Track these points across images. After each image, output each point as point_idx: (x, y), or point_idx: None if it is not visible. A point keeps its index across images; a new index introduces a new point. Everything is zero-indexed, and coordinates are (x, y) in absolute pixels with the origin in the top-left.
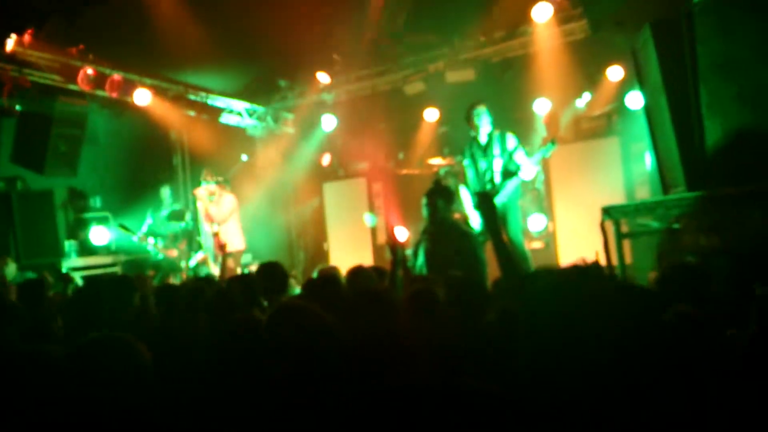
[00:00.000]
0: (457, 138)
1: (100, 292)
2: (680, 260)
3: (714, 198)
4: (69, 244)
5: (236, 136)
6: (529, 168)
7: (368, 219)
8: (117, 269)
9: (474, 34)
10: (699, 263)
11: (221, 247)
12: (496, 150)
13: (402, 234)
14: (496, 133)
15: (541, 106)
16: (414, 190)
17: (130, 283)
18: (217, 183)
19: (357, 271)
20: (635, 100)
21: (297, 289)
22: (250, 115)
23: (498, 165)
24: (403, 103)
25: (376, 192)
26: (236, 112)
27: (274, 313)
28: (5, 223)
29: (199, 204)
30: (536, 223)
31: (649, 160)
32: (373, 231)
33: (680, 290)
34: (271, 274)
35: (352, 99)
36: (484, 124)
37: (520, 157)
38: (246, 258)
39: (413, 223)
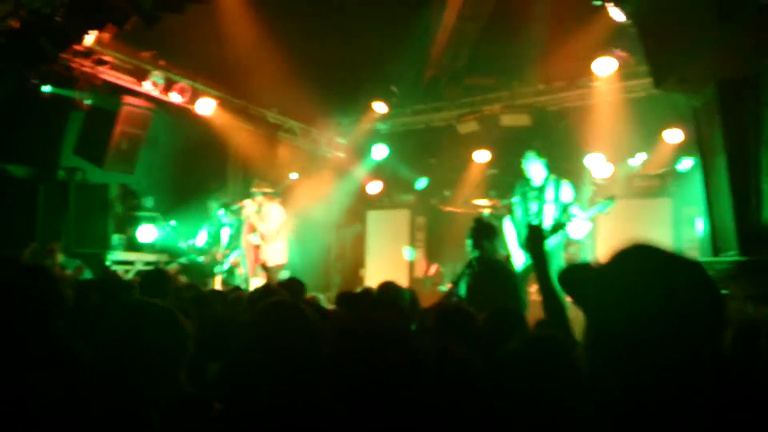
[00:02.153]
0: (505, 181)
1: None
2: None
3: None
4: (117, 238)
5: (289, 154)
6: (581, 223)
7: (407, 252)
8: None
9: (533, 81)
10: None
11: (263, 264)
12: (549, 195)
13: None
14: (553, 177)
15: (593, 161)
16: (456, 228)
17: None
18: (264, 194)
19: (388, 286)
20: (688, 165)
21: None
22: (305, 135)
23: (549, 211)
24: (455, 142)
25: (418, 225)
26: (292, 131)
27: (265, 308)
28: (61, 211)
29: (245, 214)
30: None
31: (700, 225)
32: (411, 264)
33: None
34: (290, 287)
35: (405, 131)
36: (532, 169)
37: (575, 210)
38: (284, 274)
39: (451, 261)
